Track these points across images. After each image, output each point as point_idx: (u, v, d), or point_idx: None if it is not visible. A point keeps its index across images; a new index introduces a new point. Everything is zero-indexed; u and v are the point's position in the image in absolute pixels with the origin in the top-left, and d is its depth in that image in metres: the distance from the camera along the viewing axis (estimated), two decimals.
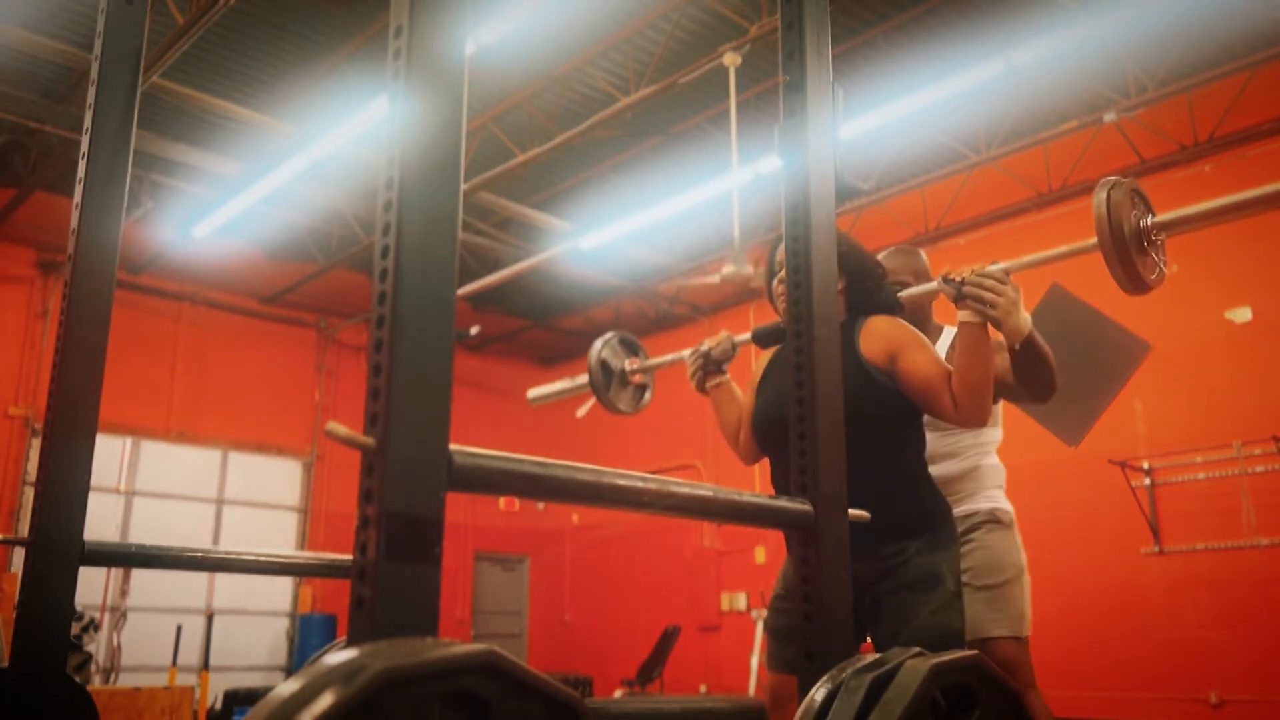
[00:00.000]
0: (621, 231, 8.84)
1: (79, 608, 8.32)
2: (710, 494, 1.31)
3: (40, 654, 1.60)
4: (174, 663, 7.59)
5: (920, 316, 2.67)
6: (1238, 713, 7.00)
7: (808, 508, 1.38)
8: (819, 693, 1.15)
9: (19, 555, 8.04)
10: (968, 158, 8.33)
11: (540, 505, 12.36)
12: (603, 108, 7.65)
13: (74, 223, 1.75)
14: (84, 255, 1.73)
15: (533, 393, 3.56)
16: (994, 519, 2.51)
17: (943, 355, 2.58)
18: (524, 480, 1.07)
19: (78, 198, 1.76)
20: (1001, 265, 2.10)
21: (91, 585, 9.43)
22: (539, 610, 13.09)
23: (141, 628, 9.66)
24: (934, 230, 9.27)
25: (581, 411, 3.15)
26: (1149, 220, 1.96)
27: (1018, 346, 2.18)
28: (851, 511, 1.46)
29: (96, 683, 8.96)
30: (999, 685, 1.24)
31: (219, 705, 8.43)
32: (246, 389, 11.09)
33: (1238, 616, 7.10)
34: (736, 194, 6.84)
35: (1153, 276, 1.96)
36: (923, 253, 2.80)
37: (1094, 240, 1.92)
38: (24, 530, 1.66)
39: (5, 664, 1.60)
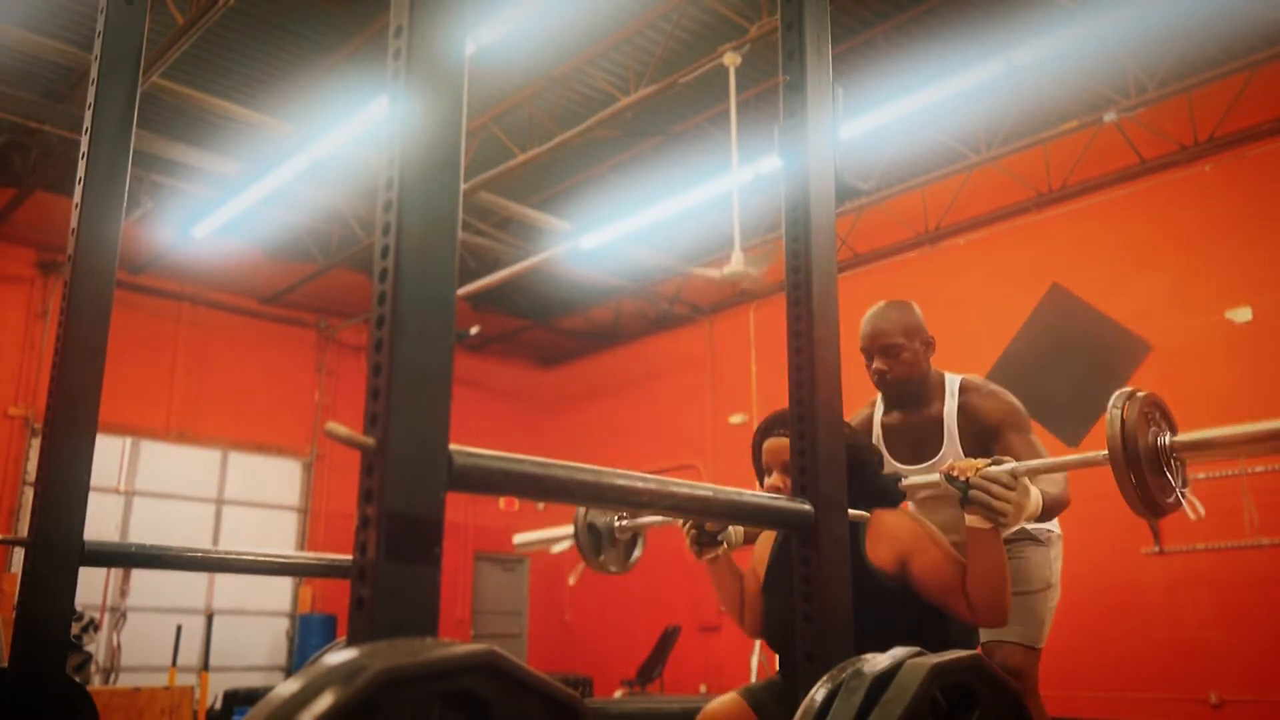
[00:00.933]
0: (621, 231, 8.84)
1: (79, 608, 8.32)
2: (710, 494, 1.31)
3: (40, 654, 1.60)
4: (174, 663, 7.58)
5: (916, 387, 2.55)
6: (1238, 713, 7.00)
7: (808, 508, 1.38)
8: (819, 693, 1.15)
9: (19, 555, 8.05)
10: (968, 158, 8.33)
11: (540, 505, 12.35)
12: (603, 108, 7.65)
13: (74, 223, 1.75)
14: (84, 255, 1.73)
15: (518, 539, 3.50)
16: (1031, 537, 2.56)
17: (950, 411, 2.52)
18: (524, 480, 1.07)
19: (78, 198, 1.76)
20: (1009, 467, 1.97)
21: (91, 585, 9.43)
22: (539, 610, 13.09)
23: (141, 628, 9.66)
24: (934, 230, 9.27)
25: (573, 579, 3.06)
26: (1168, 439, 1.84)
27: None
28: (852, 512, 1.46)
29: (96, 683, 8.96)
30: (999, 685, 1.24)
31: (219, 705, 8.43)
32: (246, 389, 11.09)
33: (1238, 616, 7.10)
34: (736, 194, 6.84)
35: (1168, 500, 1.83)
36: (914, 305, 2.61)
37: (1104, 453, 1.79)
38: (24, 530, 1.66)
39: (5, 664, 1.60)
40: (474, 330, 11.42)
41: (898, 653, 1.20)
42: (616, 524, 2.79)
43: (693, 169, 8.50)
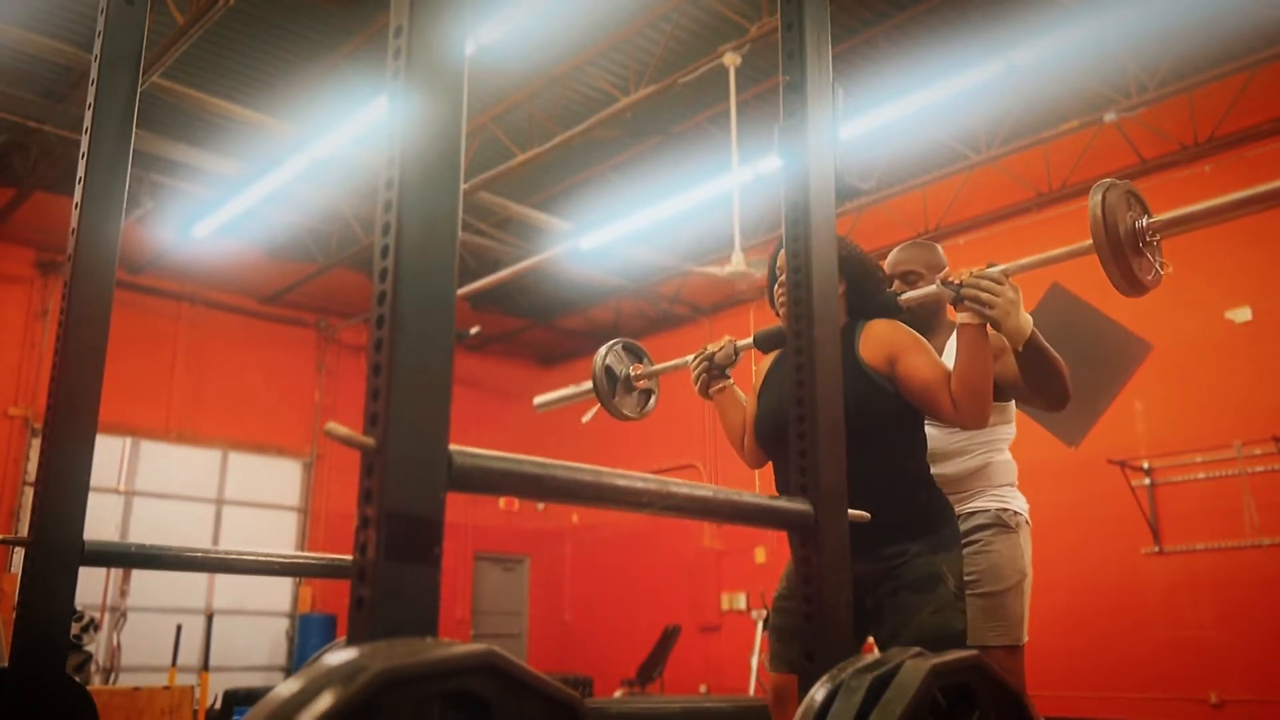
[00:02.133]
0: (621, 231, 8.84)
1: (79, 608, 8.31)
2: (710, 494, 1.31)
3: (40, 654, 1.60)
4: (174, 663, 7.58)
5: (928, 314, 2.65)
6: (1238, 713, 7.00)
7: (808, 508, 1.38)
8: (819, 693, 1.15)
9: (19, 555, 8.04)
10: (968, 158, 8.33)
11: (540, 505, 12.36)
12: (603, 108, 7.65)
13: (74, 223, 1.75)
14: (84, 255, 1.73)
15: (539, 399, 3.58)
16: (1000, 522, 2.46)
17: (952, 344, 2.58)
18: (524, 480, 1.07)
19: (78, 198, 1.76)
20: (1000, 267, 2.10)
21: (91, 585, 9.43)
22: (539, 610, 13.09)
23: (141, 628, 9.66)
24: (934, 230, 9.26)
25: (586, 418, 3.16)
26: (1145, 221, 1.96)
27: (1020, 348, 2.18)
28: (851, 512, 1.46)
29: (96, 683, 8.96)
30: (999, 685, 1.24)
31: (219, 705, 8.42)
32: (246, 389, 11.09)
33: (1238, 616, 7.10)
34: (737, 194, 6.85)
35: (1149, 277, 1.96)
36: (939, 247, 2.79)
37: (1089, 242, 1.92)
38: (24, 530, 1.66)
39: (5, 664, 1.60)
40: (474, 330, 11.42)
41: (897, 653, 1.20)
42: (633, 373, 2.93)
43: (693, 169, 8.50)
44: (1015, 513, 2.49)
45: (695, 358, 2.62)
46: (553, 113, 8.12)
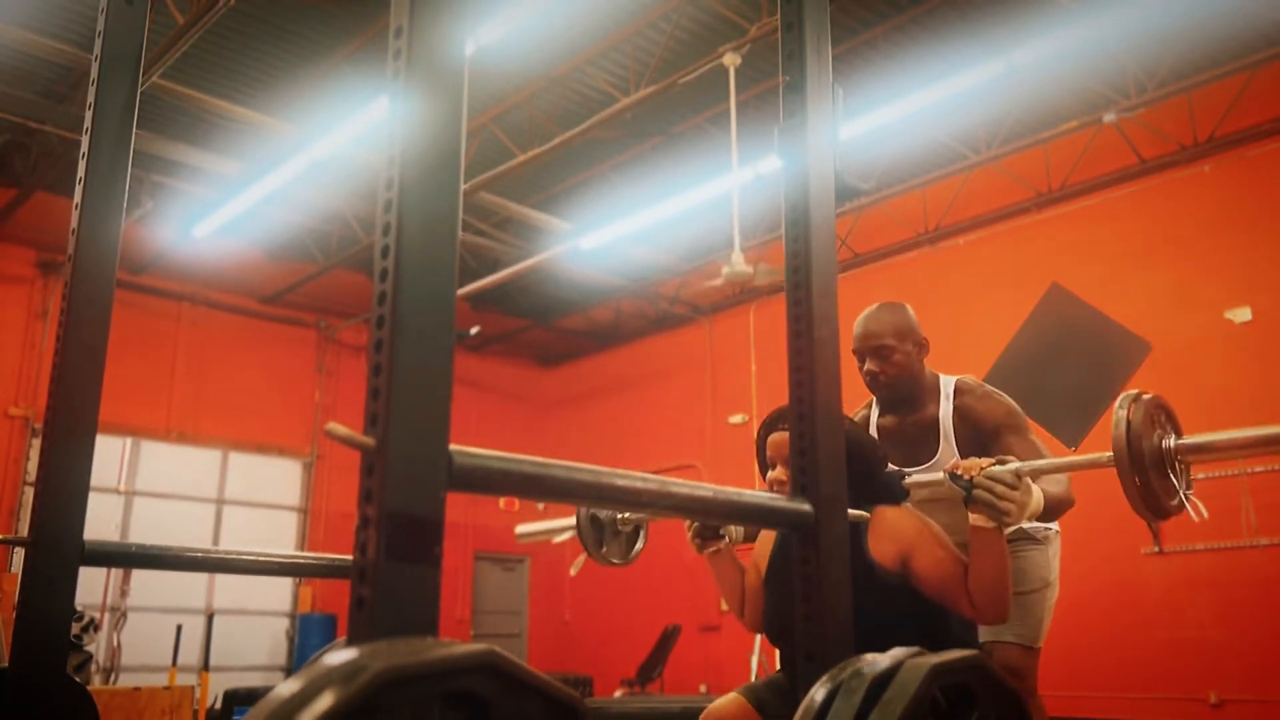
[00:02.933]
0: (621, 231, 8.84)
1: (79, 608, 8.31)
2: (710, 494, 1.31)
3: (40, 654, 1.60)
4: (174, 663, 7.59)
5: (909, 389, 2.55)
6: (1238, 713, 7.00)
7: (808, 508, 1.38)
8: (819, 693, 1.15)
9: (19, 555, 8.04)
10: (968, 158, 8.33)
11: (540, 505, 12.35)
12: (603, 108, 7.65)
13: (74, 223, 1.75)
14: (84, 255, 1.73)
15: (520, 530, 3.50)
16: (1029, 535, 2.55)
17: (946, 414, 2.53)
18: (524, 480, 1.07)
19: (78, 198, 1.76)
20: (1014, 466, 1.98)
21: (91, 585, 9.43)
22: (539, 610, 13.09)
23: (141, 628, 9.66)
24: (934, 230, 9.26)
25: (575, 569, 3.08)
26: (1172, 442, 1.85)
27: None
28: (851, 512, 1.46)
29: (96, 683, 8.96)
30: (999, 685, 1.24)
31: (219, 705, 8.42)
32: (246, 389, 11.09)
33: (1238, 616, 7.10)
34: (736, 194, 6.84)
35: (1173, 503, 1.83)
36: (907, 308, 2.60)
37: (1109, 455, 1.81)
38: (24, 530, 1.66)
39: (5, 664, 1.60)
40: (474, 330, 11.41)
41: (898, 653, 1.20)
42: (619, 516, 2.81)
43: (693, 169, 8.50)
44: (1044, 528, 2.58)
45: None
46: (553, 113, 8.12)
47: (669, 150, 8.88)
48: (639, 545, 2.88)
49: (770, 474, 2.25)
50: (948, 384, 2.57)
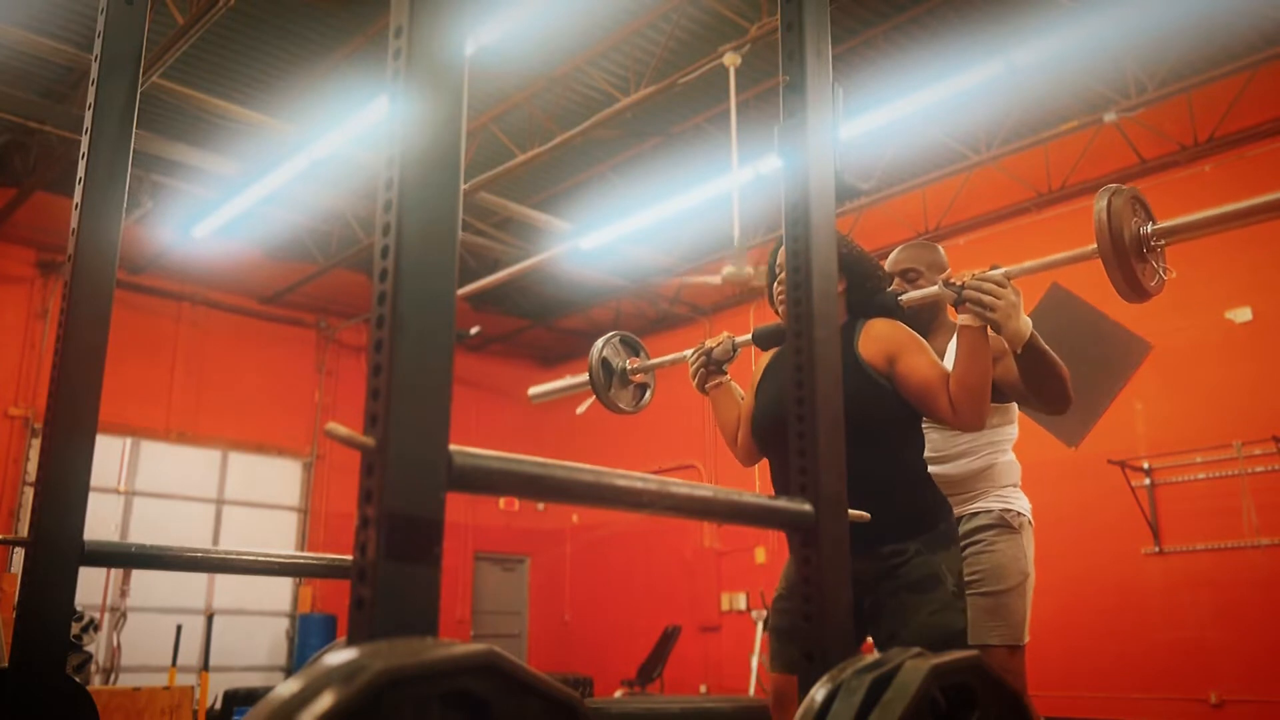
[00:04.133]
0: (621, 231, 8.84)
1: (79, 608, 8.32)
2: (710, 494, 1.31)
3: (40, 654, 1.60)
4: (174, 663, 7.58)
5: (928, 315, 2.65)
6: (1238, 713, 7.00)
7: (808, 508, 1.38)
8: (819, 693, 1.15)
9: (19, 555, 8.05)
10: (968, 158, 8.33)
11: (540, 505, 12.36)
12: (603, 108, 7.65)
13: (74, 223, 1.75)
14: (84, 255, 1.73)
15: (534, 390, 3.59)
16: (1003, 523, 2.48)
17: (954, 346, 2.58)
18: (524, 480, 1.07)
19: (78, 198, 1.76)
20: (1002, 270, 2.10)
21: (91, 585, 9.43)
22: (539, 610, 13.09)
23: (141, 628, 9.66)
24: (934, 230, 9.27)
25: (581, 409, 3.17)
26: (1149, 227, 1.95)
27: (1020, 351, 2.18)
28: (851, 511, 1.46)
29: (96, 683, 8.96)
30: (999, 686, 1.24)
31: (219, 705, 8.43)
32: (246, 389, 11.09)
33: (1238, 616, 7.10)
34: (736, 194, 6.85)
35: (1152, 283, 1.96)
36: (940, 248, 2.80)
37: (1094, 246, 1.92)
38: (24, 530, 1.65)
39: (5, 664, 1.59)
40: (474, 330, 11.43)
41: (897, 653, 1.20)
42: (629, 366, 2.93)
43: (693, 169, 8.50)
44: (1018, 513, 2.51)
45: (694, 353, 2.63)
46: (553, 113, 8.12)
47: (669, 150, 8.88)
48: (647, 397, 3.00)
49: (776, 285, 2.35)
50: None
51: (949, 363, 2.44)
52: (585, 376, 2.93)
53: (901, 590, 2.12)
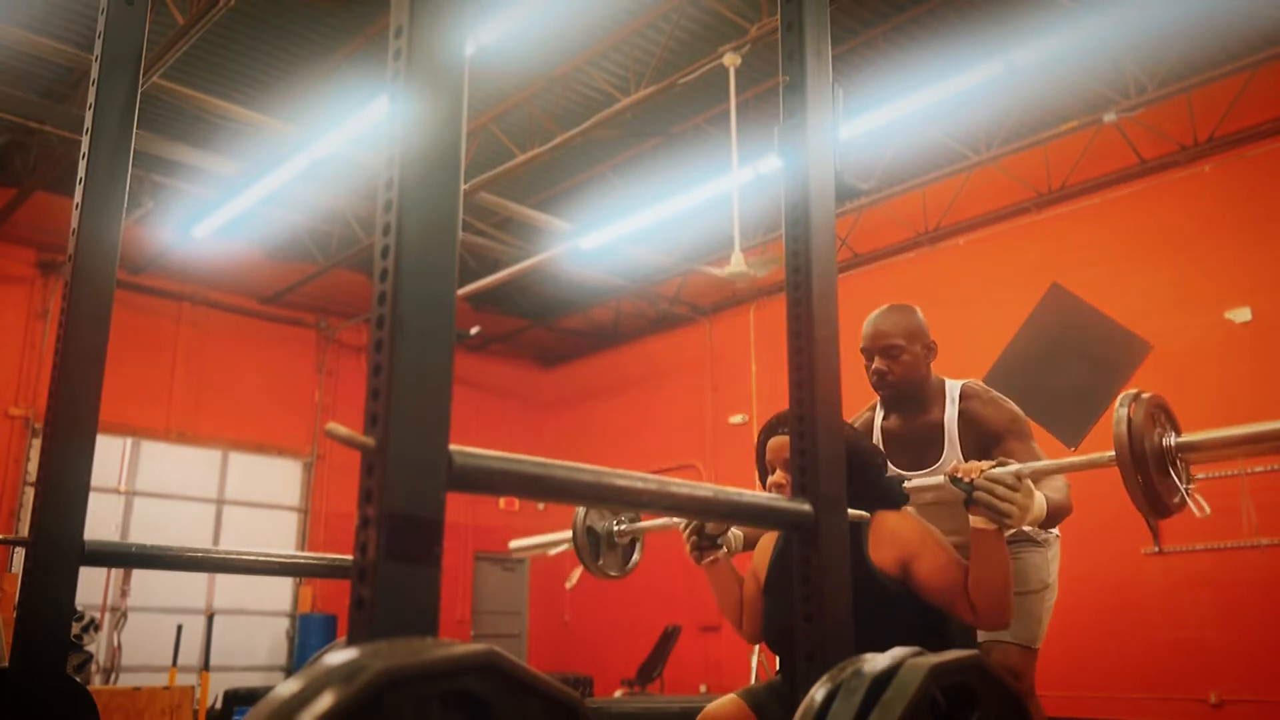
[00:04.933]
0: (621, 231, 8.84)
1: (79, 608, 8.32)
2: (710, 494, 1.31)
3: (40, 654, 1.60)
4: (174, 663, 7.59)
5: (915, 390, 2.56)
6: (1238, 713, 7.00)
7: (808, 508, 1.38)
8: (819, 693, 1.15)
9: (19, 555, 8.05)
10: (968, 158, 8.33)
11: (540, 505, 12.35)
12: (603, 108, 7.65)
13: (74, 223, 1.75)
14: (84, 255, 1.73)
15: (515, 544, 3.47)
16: (1029, 537, 2.56)
17: (951, 418, 2.52)
18: (524, 480, 1.07)
19: (78, 198, 1.76)
20: (1014, 468, 1.98)
21: (91, 585, 9.43)
22: (539, 610, 13.09)
23: (141, 628, 9.66)
24: (934, 230, 9.26)
25: (570, 583, 3.07)
26: (1172, 440, 1.86)
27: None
28: (851, 512, 1.46)
29: (96, 683, 8.96)
30: (999, 686, 1.24)
31: (219, 705, 8.43)
32: (246, 389, 11.09)
33: (1238, 616, 7.10)
34: (736, 194, 6.84)
35: (1174, 500, 1.84)
36: (917, 310, 2.62)
37: (1111, 454, 1.81)
38: (24, 530, 1.66)
39: (5, 664, 1.60)
40: (474, 330, 11.42)
41: (897, 653, 1.20)
42: (615, 528, 2.78)
43: (693, 169, 8.50)
44: (1046, 532, 2.60)
45: (685, 525, 2.42)
46: (553, 113, 8.12)
47: (669, 150, 8.88)
48: (635, 557, 2.88)
49: (770, 479, 2.24)
50: (953, 388, 2.57)
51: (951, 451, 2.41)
52: (568, 534, 2.83)
53: None
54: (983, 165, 8.36)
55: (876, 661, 1.17)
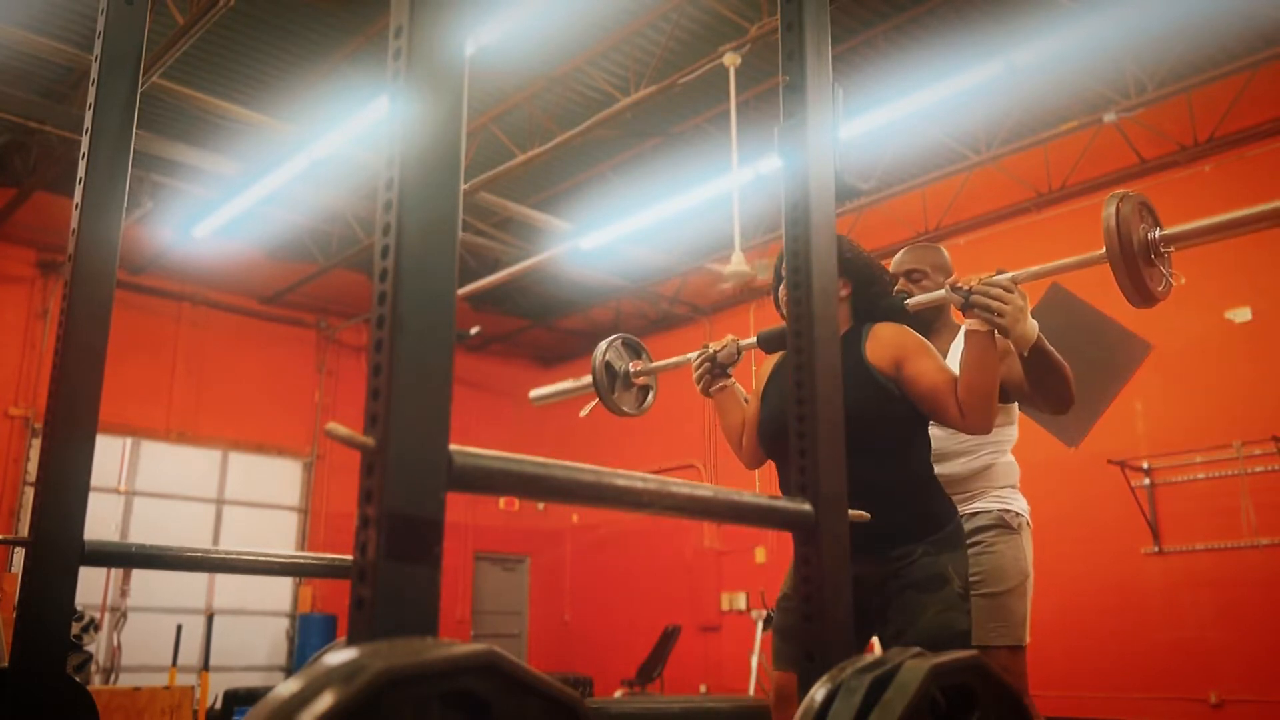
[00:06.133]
0: (621, 231, 8.84)
1: (79, 608, 8.32)
2: (710, 494, 1.31)
3: (40, 654, 1.60)
4: (174, 663, 7.59)
5: (932, 316, 2.66)
6: (1238, 713, 7.00)
7: (808, 508, 1.38)
8: (819, 693, 1.15)
9: (19, 555, 8.05)
10: (968, 158, 8.33)
11: (540, 505, 12.36)
12: (603, 108, 7.65)
13: (74, 223, 1.75)
14: (84, 255, 1.73)
15: (535, 393, 3.57)
16: (1002, 523, 2.49)
17: (958, 343, 2.58)
18: (524, 480, 1.07)
19: (78, 198, 1.76)
20: (1008, 275, 2.11)
21: (91, 585, 9.43)
22: (539, 610, 13.09)
23: (141, 628, 9.66)
24: (934, 230, 9.26)
25: (585, 412, 3.16)
26: (1157, 233, 1.97)
27: (1026, 353, 2.19)
28: (851, 512, 1.46)
29: (96, 683, 8.96)
30: (1000, 686, 1.24)
31: (219, 705, 8.42)
32: (246, 389, 11.09)
33: (1238, 616, 7.10)
34: (736, 194, 6.85)
35: (1159, 288, 1.98)
36: (944, 249, 2.80)
37: (1102, 251, 1.93)
38: (24, 530, 1.66)
39: (5, 664, 1.60)
40: (474, 330, 11.43)
41: (897, 653, 1.20)
42: (633, 369, 2.95)
43: (693, 169, 8.50)
44: (1017, 514, 2.52)
45: (697, 356, 2.61)
46: (553, 113, 8.12)
47: (669, 150, 8.88)
48: (649, 399, 3.01)
49: (782, 288, 2.31)
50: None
51: (954, 362, 2.45)
52: (588, 379, 2.94)
53: (908, 589, 2.13)
54: (983, 165, 8.36)
55: (877, 662, 1.17)
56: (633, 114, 7.64)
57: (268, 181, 8.10)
